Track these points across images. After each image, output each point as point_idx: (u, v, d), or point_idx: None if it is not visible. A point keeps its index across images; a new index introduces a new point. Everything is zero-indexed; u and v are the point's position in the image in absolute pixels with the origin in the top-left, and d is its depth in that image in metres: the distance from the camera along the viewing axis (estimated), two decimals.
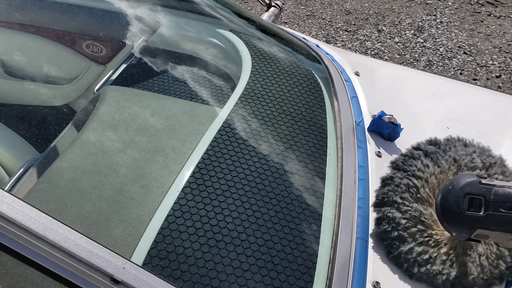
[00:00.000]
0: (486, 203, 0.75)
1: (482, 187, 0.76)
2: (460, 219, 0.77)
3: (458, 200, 0.77)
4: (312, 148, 1.04)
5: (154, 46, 1.44)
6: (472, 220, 0.76)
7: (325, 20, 3.52)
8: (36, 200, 0.89)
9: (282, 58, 1.28)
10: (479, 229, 0.76)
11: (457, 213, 0.77)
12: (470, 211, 0.76)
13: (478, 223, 0.76)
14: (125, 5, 1.47)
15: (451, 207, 0.78)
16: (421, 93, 1.30)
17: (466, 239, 0.79)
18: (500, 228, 0.75)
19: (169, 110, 1.12)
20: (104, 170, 0.95)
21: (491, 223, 0.75)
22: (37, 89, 1.46)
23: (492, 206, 0.75)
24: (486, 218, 0.75)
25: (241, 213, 0.86)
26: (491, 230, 0.75)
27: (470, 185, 0.77)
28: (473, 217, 0.76)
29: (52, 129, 1.24)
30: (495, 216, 0.74)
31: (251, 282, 0.78)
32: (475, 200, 0.76)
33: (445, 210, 0.79)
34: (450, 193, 0.78)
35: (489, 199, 0.75)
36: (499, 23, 3.42)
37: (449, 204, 0.78)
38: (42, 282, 0.77)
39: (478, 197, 0.76)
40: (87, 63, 1.50)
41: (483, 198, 0.75)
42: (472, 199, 0.76)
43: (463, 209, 0.76)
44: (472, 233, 0.77)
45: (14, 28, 1.50)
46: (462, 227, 0.77)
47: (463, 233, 0.78)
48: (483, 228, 0.76)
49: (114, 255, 0.63)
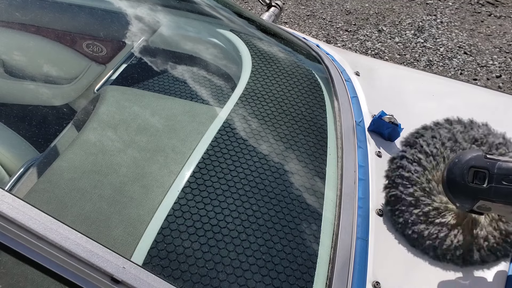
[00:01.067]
0: (489, 176, 0.78)
1: (486, 161, 0.79)
2: (464, 190, 0.80)
3: (463, 172, 0.80)
4: (312, 148, 1.04)
5: (154, 46, 1.44)
6: (475, 192, 0.79)
7: (326, 20, 3.52)
8: (36, 199, 0.89)
9: (282, 58, 1.28)
10: (481, 201, 0.79)
11: (461, 184, 0.80)
12: (474, 183, 0.79)
13: (480, 195, 0.79)
14: (125, 5, 1.47)
15: (455, 179, 0.81)
16: (422, 93, 1.30)
17: (469, 210, 0.82)
18: (501, 200, 0.78)
19: (169, 110, 1.12)
20: (104, 170, 0.95)
21: (493, 195, 0.78)
22: (37, 89, 1.46)
23: (495, 179, 0.78)
24: (489, 190, 0.78)
25: (241, 213, 0.86)
26: (493, 202, 0.79)
27: (475, 158, 0.81)
28: (476, 189, 0.79)
29: (52, 129, 1.24)
30: (497, 189, 0.77)
31: (251, 282, 0.78)
32: (479, 173, 0.80)
33: (450, 182, 0.82)
34: (456, 166, 0.82)
35: (493, 172, 0.78)
36: (499, 23, 3.42)
37: (454, 176, 0.81)
38: (42, 282, 0.77)
39: (482, 170, 0.79)
40: (87, 63, 1.50)
41: (487, 171, 0.79)
42: (477, 172, 0.80)
43: (467, 180, 0.80)
44: (475, 204, 0.80)
45: (14, 28, 1.50)
46: (466, 198, 0.81)
47: (466, 204, 0.81)
48: (485, 199, 0.79)
49: (114, 255, 0.63)
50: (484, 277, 0.89)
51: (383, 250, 0.90)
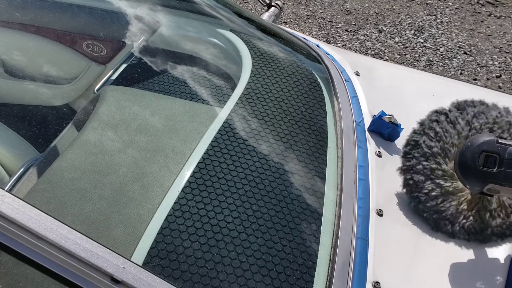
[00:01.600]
0: (500, 160, 0.81)
1: (498, 146, 0.82)
2: (475, 173, 0.84)
3: (474, 156, 0.83)
4: (312, 148, 1.04)
5: (154, 46, 1.44)
6: (485, 175, 0.82)
7: (325, 20, 3.52)
8: (36, 199, 0.89)
9: (283, 58, 1.28)
10: (490, 184, 0.82)
11: (472, 167, 0.84)
12: (485, 167, 0.82)
13: (490, 178, 0.82)
14: (125, 5, 1.47)
15: (467, 162, 0.84)
16: (422, 93, 1.29)
17: (479, 192, 0.85)
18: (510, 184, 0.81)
19: (169, 110, 1.12)
20: (104, 170, 0.95)
21: (502, 179, 0.81)
22: (37, 89, 1.46)
23: (505, 164, 0.80)
24: (499, 174, 0.81)
25: (241, 213, 0.86)
26: (502, 185, 0.82)
27: (487, 143, 0.83)
28: (487, 172, 0.82)
29: (52, 129, 1.24)
30: (507, 173, 0.80)
31: (251, 282, 0.78)
32: (490, 157, 0.82)
33: (462, 165, 0.86)
34: (468, 150, 0.85)
35: (503, 157, 0.81)
36: (499, 23, 3.42)
37: (465, 159, 0.85)
38: (42, 281, 0.77)
39: (493, 154, 0.82)
40: (87, 63, 1.50)
41: (498, 156, 0.81)
42: (488, 156, 0.83)
43: (478, 164, 0.83)
44: (484, 186, 0.83)
45: (14, 28, 1.50)
46: (476, 180, 0.84)
47: (476, 186, 0.84)
48: (494, 183, 0.82)
49: (114, 255, 0.63)
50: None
51: (383, 250, 0.90)
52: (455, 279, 0.89)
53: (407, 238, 0.94)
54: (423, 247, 0.93)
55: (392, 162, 1.09)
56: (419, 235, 0.95)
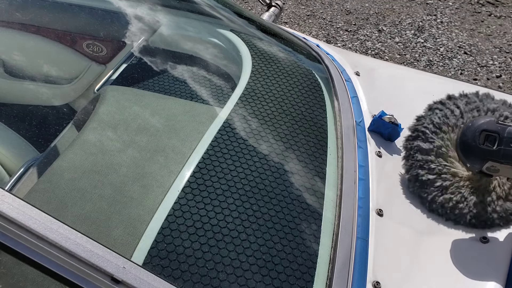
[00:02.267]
0: (499, 139, 0.84)
1: (498, 126, 0.86)
2: (475, 151, 0.87)
3: (475, 134, 0.86)
4: (313, 148, 1.04)
5: (155, 46, 1.44)
6: (485, 153, 0.85)
7: (326, 20, 3.52)
8: (36, 199, 0.89)
9: (283, 58, 1.28)
10: (490, 161, 0.85)
11: (472, 145, 0.87)
12: (485, 145, 0.86)
13: (490, 156, 0.85)
14: (126, 5, 1.47)
15: (468, 140, 0.87)
16: (422, 93, 1.29)
17: (478, 170, 0.88)
18: (509, 161, 0.84)
19: (170, 110, 1.12)
20: (105, 169, 0.95)
21: (501, 157, 0.84)
22: (37, 89, 1.46)
23: (504, 142, 0.84)
24: (498, 152, 0.84)
25: (241, 213, 0.86)
26: (501, 163, 0.85)
27: (487, 123, 0.87)
28: (486, 151, 0.85)
29: (53, 128, 1.24)
30: (506, 151, 0.83)
31: (251, 282, 0.78)
32: (490, 137, 0.86)
33: (463, 143, 0.89)
34: (469, 129, 0.88)
35: (503, 136, 0.84)
36: (499, 23, 3.41)
37: (466, 138, 0.88)
38: (42, 281, 0.77)
39: (493, 134, 0.85)
40: (87, 63, 1.50)
41: (497, 135, 0.85)
42: (488, 136, 0.86)
43: (478, 142, 0.86)
44: (484, 164, 0.86)
45: (15, 27, 1.50)
46: (476, 158, 0.87)
47: (476, 164, 0.87)
48: (494, 160, 0.85)
49: (114, 255, 0.63)
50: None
51: (383, 250, 0.90)
52: (455, 278, 0.89)
53: (407, 238, 0.94)
54: (423, 247, 0.93)
55: (392, 162, 1.09)
56: (419, 235, 0.95)
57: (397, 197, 1.02)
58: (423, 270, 0.89)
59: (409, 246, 0.93)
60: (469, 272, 0.89)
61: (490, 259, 0.91)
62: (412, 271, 0.89)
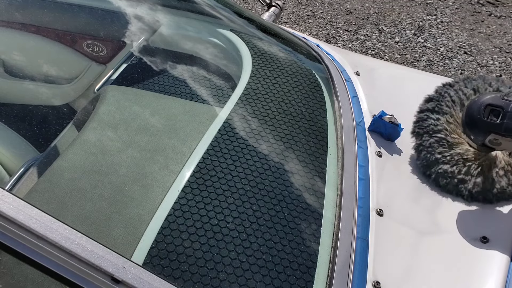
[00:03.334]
0: (503, 113, 0.88)
1: (503, 101, 0.89)
2: (479, 124, 0.91)
3: (480, 108, 0.91)
4: (313, 148, 1.04)
5: (155, 46, 1.44)
6: (488, 126, 0.90)
7: (326, 20, 3.52)
8: (36, 199, 0.89)
9: (283, 58, 1.28)
10: (492, 134, 0.89)
11: (477, 118, 0.91)
12: (489, 119, 0.90)
13: (492, 129, 0.89)
14: (126, 4, 1.47)
15: (473, 113, 0.92)
16: (422, 93, 1.29)
17: (481, 142, 0.92)
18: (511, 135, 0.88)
19: (170, 109, 1.12)
20: (105, 169, 0.95)
21: (504, 130, 0.88)
22: (37, 88, 1.46)
23: (508, 116, 0.88)
24: (500, 125, 0.89)
25: (241, 213, 0.86)
26: (503, 136, 0.89)
27: (493, 98, 0.91)
28: (490, 123, 0.90)
29: (53, 128, 1.24)
30: (508, 125, 0.87)
31: (251, 282, 0.78)
32: (494, 111, 0.90)
33: (468, 116, 0.93)
34: (475, 103, 0.92)
35: (507, 110, 0.88)
36: (499, 23, 3.41)
37: (471, 111, 0.92)
38: (42, 281, 0.77)
39: (497, 108, 0.89)
40: (87, 63, 1.50)
41: (501, 110, 0.89)
42: (492, 110, 0.90)
43: (482, 115, 0.90)
44: (486, 137, 0.90)
45: (15, 27, 1.50)
46: (479, 131, 0.92)
47: (479, 137, 0.92)
48: (496, 133, 0.89)
49: (114, 255, 0.63)
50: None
51: (383, 250, 0.90)
52: (455, 278, 0.89)
53: (407, 238, 0.94)
54: (423, 247, 0.93)
55: (392, 162, 1.09)
56: (419, 235, 0.95)
57: (397, 197, 1.02)
58: (423, 270, 0.89)
59: (409, 246, 0.93)
60: (469, 272, 0.89)
61: (490, 259, 0.91)
62: (412, 271, 0.89)
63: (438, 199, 1.03)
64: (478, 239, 0.95)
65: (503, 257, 0.92)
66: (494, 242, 0.94)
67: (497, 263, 0.91)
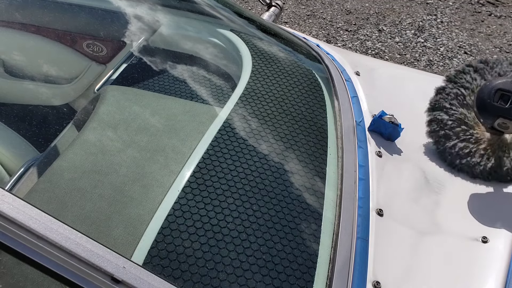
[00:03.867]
0: None
1: None
2: (489, 108, 0.95)
3: (491, 92, 0.94)
4: (313, 147, 1.04)
5: (155, 46, 1.44)
6: (497, 110, 0.94)
7: (326, 20, 3.52)
8: (36, 199, 0.89)
9: (283, 58, 1.28)
10: (501, 118, 0.94)
11: (487, 102, 0.95)
12: (498, 103, 0.94)
13: (501, 113, 0.94)
14: (126, 4, 1.47)
15: (484, 97, 0.95)
16: (422, 93, 1.29)
17: (490, 126, 0.97)
18: None
19: (170, 109, 1.12)
20: (105, 169, 0.95)
21: None
22: (37, 88, 1.46)
23: None
24: (509, 109, 0.93)
25: (242, 213, 0.86)
26: (511, 120, 0.93)
27: (503, 83, 0.94)
28: (499, 108, 0.94)
29: (53, 128, 1.24)
30: None
31: (251, 282, 0.78)
32: (505, 96, 0.93)
33: (479, 100, 0.97)
34: (487, 87, 0.96)
35: None
36: (499, 23, 3.41)
37: (483, 95, 0.96)
38: (42, 281, 0.77)
39: (507, 93, 0.93)
40: (87, 63, 1.50)
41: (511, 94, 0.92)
42: (503, 95, 0.94)
43: (492, 99, 0.94)
44: (495, 120, 0.95)
45: (15, 27, 1.50)
46: (488, 114, 0.96)
47: (488, 120, 0.96)
48: (504, 117, 0.93)
49: (114, 255, 0.63)
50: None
51: (383, 250, 0.90)
52: (455, 278, 0.89)
53: (407, 238, 0.94)
54: (423, 247, 0.93)
55: (392, 161, 1.09)
56: (419, 235, 0.95)
57: (397, 197, 1.02)
58: (423, 270, 0.89)
59: (409, 246, 0.93)
60: (469, 272, 0.89)
61: (490, 259, 0.91)
62: (412, 271, 0.89)
63: (438, 199, 1.03)
64: (478, 239, 0.95)
65: (503, 257, 0.92)
66: (494, 242, 0.94)
67: (497, 263, 0.91)
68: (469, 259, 0.92)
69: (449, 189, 1.06)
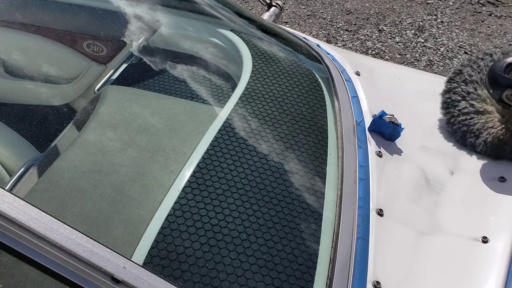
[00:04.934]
0: None
1: None
2: (498, 79, 1.00)
3: (502, 65, 1.01)
4: (313, 147, 1.04)
5: (155, 46, 1.44)
6: (506, 80, 0.99)
7: (326, 20, 3.52)
8: (36, 199, 0.89)
9: (283, 58, 1.28)
10: (509, 89, 0.99)
11: (497, 74, 1.01)
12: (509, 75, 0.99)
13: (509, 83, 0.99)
14: (126, 4, 1.47)
15: (495, 70, 1.01)
16: (422, 93, 1.29)
17: (499, 97, 1.01)
18: None
19: (170, 109, 1.12)
20: (105, 169, 0.95)
21: None
22: (37, 88, 1.46)
23: None
24: None
25: (242, 213, 0.86)
26: None
27: None
28: (508, 79, 0.99)
29: (53, 128, 1.24)
30: None
31: (251, 282, 0.78)
32: None
33: (490, 72, 1.03)
34: (499, 61, 1.02)
35: None
36: (500, 23, 3.41)
37: (494, 67, 1.02)
38: (42, 281, 0.77)
39: None
40: (87, 63, 1.50)
41: None
42: None
43: (503, 71, 1.00)
44: (504, 91, 1.00)
45: (15, 27, 1.50)
46: (497, 85, 1.01)
47: (497, 91, 1.01)
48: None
49: (114, 255, 0.63)
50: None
51: (384, 250, 0.90)
52: (455, 278, 0.89)
53: (407, 238, 0.94)
54: (423, 247, 0.93)
55: (392, 161, 1.09)
56: (419, 235, 0.95)
57: (397, 197, 1.02)
58: (423, 270, 0.89)
59: (409, 246, 0.93)
60: (469, 272, 0.89)
61: (490, 259, 0.91)
62: (412, 271, 0.89)
63: (438, 199, 1.03)
64: (478, 239, 0.95)
65: (503, 257, 0.92)
66: (494, 242, 0.94)
67: (497, 263, 0.91)
68: (469, 259, 0.92)
69: (449, 189, 1.06)
